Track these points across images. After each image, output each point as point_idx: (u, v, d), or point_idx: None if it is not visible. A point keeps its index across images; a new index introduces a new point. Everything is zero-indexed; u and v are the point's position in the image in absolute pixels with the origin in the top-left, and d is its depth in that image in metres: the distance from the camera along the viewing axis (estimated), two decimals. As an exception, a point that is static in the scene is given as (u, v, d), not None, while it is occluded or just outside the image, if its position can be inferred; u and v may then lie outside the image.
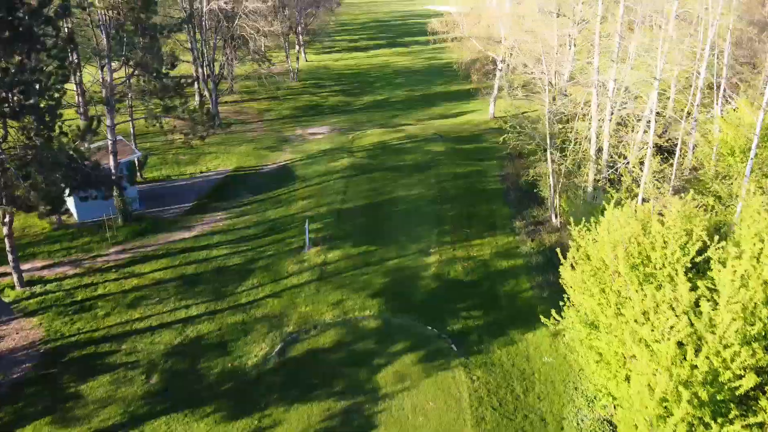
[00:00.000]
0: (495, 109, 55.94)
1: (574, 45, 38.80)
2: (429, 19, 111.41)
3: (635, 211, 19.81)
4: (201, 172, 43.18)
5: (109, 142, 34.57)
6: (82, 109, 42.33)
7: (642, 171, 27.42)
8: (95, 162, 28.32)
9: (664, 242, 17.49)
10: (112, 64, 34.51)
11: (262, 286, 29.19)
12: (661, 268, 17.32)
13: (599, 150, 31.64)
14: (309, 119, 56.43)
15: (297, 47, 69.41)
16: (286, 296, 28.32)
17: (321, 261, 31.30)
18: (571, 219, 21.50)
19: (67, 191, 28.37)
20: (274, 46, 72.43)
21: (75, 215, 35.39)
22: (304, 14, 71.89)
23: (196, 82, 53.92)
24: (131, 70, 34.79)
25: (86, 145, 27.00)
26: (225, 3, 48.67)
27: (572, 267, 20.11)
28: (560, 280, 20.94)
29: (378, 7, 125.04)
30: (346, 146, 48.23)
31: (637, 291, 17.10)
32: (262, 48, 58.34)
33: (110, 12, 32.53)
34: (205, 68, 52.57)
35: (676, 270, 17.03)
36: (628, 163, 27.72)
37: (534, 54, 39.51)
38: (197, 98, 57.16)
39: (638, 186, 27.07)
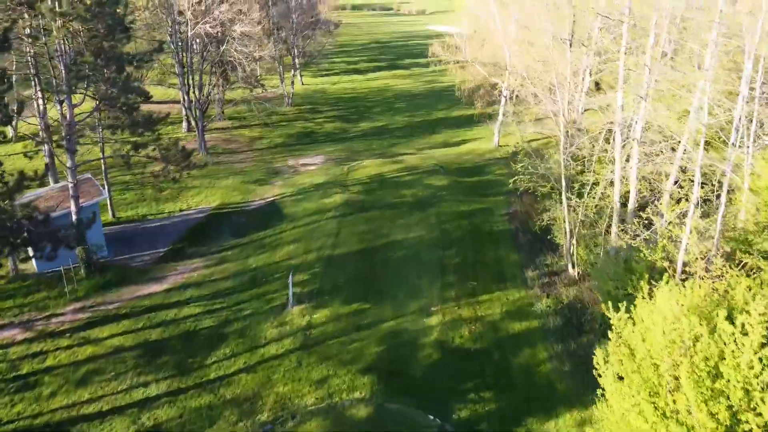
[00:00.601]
0: (500, 138, 51.74)
1: (590, 75, 34.63)
2: (430, 40, 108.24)
3: (691, 291, 15.42)
4: (181, 210, 38.89)
5: (70, 185, 30.31)
6: (46, 149, 38.29)
7: (678, 225, 23.07)
8: (42, 212, 24.09)
9: (737, 348, 13.12)
10: (75, 97, 30.43)
11: (236, 357, 24.72)
12: (734, 386, 12.94)
13: (624, 199, 27.31)
14: (302, 148, 52.25)
15: (292, 71, 65.47)
16: (263, 371, 23.84)
17: (305, 323, 26.84)
18: (599, 290, 17.10)
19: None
20: (267, 70, 68.57)
21: (34, 264, 31.11)
22: (300, 36, 68.03)
23: (184, 109, 49.87)
24: (97, 103, 30.69)
25: (22, 199, 22.74)
26: (211, 27, 44.71)
27: (615, 371, 15.63)
28: (594, 371, 16.52)
29: (378, 27, 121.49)
30: (340, 179, 43.96)
31: (704, 412, 12.73)
32: (255, 72, 54.33)
33: (69, 40, 28.48)
34: (192, 95, 48.51)
35: (753, 386, 12.69)
36: (663, 217, 23.33)
37: (544, 83, 35.41)
38: (184, 125, 53.09)
39: (675, 244, 22.70)
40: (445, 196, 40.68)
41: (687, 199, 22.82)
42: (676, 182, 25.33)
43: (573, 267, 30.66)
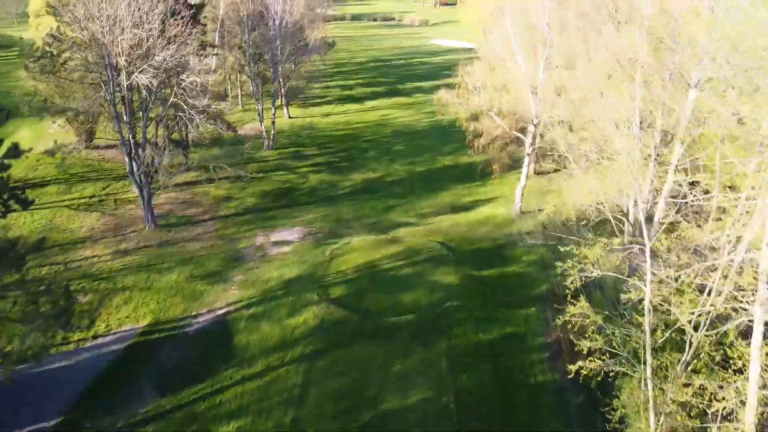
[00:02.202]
0: (522, 202, 39.92)
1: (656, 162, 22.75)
2: (434, 58, 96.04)
3: None
4: (96, 336, 27.26)
5: None
6: None
7: None
8: None
9: None
10: None
11: None
12: None
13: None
14: (277, 215, 40.45)
15: (273, 107, 53.37)
16: None
17: None
18: None
19: None
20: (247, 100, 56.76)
21: None
22: (284, 66, 55.94)
23: (130, 175, 38.12)
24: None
25: None
26: (153, 77, 32.85)
27: None
28: None
29: (379, 42, 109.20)
30: (318, 273, 32.25)
31: None
32: (220, 114, 42.20)
33: None
34: (134, 158, 36.75)
35: None
36: None
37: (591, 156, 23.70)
38: (135, 190, 41.38)
39: None
40: (457, 313, 28.72)
41: None
42: None
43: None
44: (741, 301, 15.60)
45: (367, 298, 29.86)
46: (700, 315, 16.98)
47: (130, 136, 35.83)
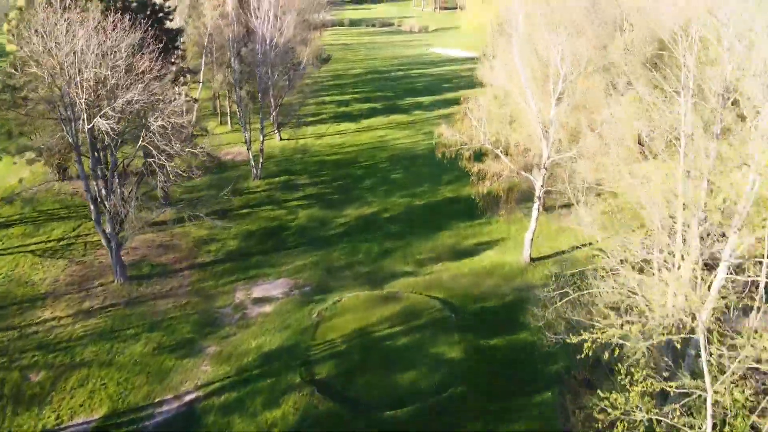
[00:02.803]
0: (532, 248, 35.61)
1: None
2: (434, 69, 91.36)
3: None
4: (45, 431, 23.14)
5: None
6: None
7: None
8: None
9: None
10: None
11: None
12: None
13: None
14: (262, 261, 36.11)
15: (262, 136, 48.69)
16: None
17: None
18: None
19: None
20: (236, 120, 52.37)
21: None
22: (278, 84, 51.43)
23: (96, 225, 33.78)
24: None
25: None
26: (116, 123, 28.45)
27: None
28: None
29: (377, 51, 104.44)
30: (302, 346, 27.93)
31: None
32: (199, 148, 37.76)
33: None
34: (99, 206, 32.41)
35: None
36: None
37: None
38: (103, 241, 37.08)
39: None
40: (462, 403, 24.30)
41: None
42: None
43: None
44: None
45: (358, 381, 25.57)
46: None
47: (95, 183, 31.53)
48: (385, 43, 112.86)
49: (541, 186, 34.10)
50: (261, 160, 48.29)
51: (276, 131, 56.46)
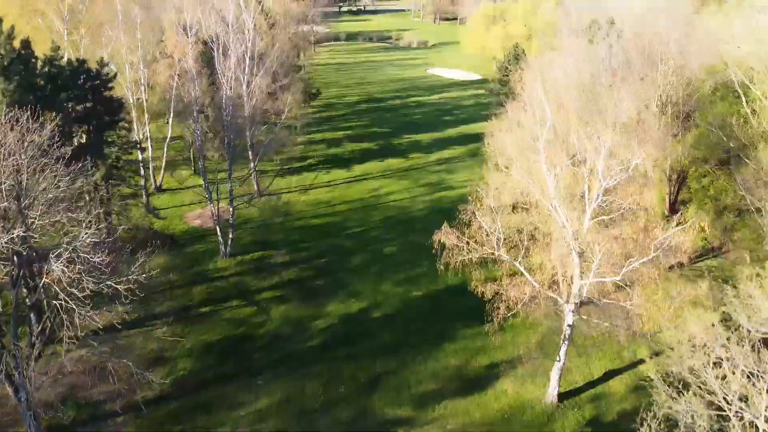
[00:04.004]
0: (560, 385, 27.06)
1: None
2: (433, 96, 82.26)
3: None
4: None
5: None
6: None
7: None
8: None
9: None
10: None
11: None
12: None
13: None
14: (215, 400, 27.46)
15: (231, 208, 39.59)
16: None
17: None
18: None
19: None
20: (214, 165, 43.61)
21: None
22: (253, 134, 42.77)
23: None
24: None
25: None
26: (22, 247, 20.00)
27: None
28: None
29: (373, 71, 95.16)
30: None
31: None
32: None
33: None
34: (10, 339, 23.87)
35: None
36: None
37: None
38: (17, 376, 28.59)
39: None
40: None
41: None
42: None
43: None
44: None
45: None
46: None
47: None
48: (381, 61, 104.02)
49: (572, 311, 25.54)
50: (231, 236, 39.58)
51: (255, 183, 48.03)
